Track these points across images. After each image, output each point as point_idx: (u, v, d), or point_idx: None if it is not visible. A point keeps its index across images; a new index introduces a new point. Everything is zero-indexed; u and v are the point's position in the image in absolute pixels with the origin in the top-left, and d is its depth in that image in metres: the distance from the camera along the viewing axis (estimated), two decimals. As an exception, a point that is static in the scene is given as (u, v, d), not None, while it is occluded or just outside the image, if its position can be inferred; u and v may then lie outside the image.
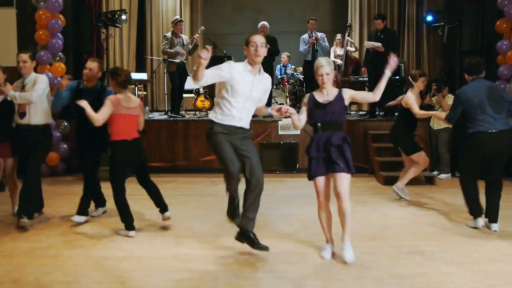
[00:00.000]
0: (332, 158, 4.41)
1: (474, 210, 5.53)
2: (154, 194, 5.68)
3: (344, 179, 4.43)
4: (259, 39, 4.49)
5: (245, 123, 4.52)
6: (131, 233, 5.30)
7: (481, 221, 5.50)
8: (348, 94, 4.63)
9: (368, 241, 5.10)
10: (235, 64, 4.50)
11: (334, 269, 4.33)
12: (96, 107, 5.77)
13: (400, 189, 6.84)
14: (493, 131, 5.25)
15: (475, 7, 9.99)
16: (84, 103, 5.00)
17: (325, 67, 4.52)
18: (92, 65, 5.84)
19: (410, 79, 6.73)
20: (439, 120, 7.00)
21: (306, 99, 4.70)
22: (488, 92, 5.35)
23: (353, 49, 11.14)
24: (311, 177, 4.54)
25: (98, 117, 5.05)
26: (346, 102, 4.60)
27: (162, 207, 5.68)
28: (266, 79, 4.68)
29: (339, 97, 4.57)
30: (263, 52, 4.48)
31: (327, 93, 4.58)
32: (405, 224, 5.79)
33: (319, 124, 4.52)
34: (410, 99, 6.51)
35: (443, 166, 8.76)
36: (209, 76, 4.26)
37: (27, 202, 5.61)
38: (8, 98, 5.62)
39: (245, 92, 4.42)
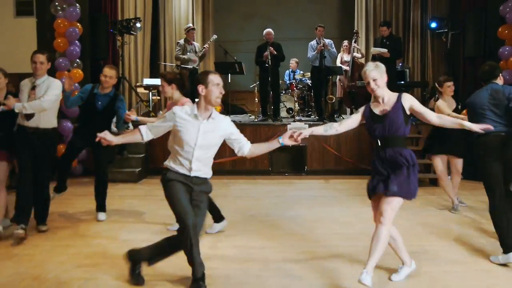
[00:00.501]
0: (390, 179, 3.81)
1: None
2: None
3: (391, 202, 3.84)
4: (221, 80, 3.84)
5: (200, 173, 3.86)
6: None
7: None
8: (409, 103, 3.85)
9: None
10: (178, 111, 3.84)
11: (341, 268, 4.33)
12: (108, 113, 5.86)
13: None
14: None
15: (478, 14, 9.96)
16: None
17: (372, 71, 3.86)
18: (111, 73, 5.87)
19: (437, 85, 6.62)
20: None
21: (362, 110, 4.10)
22: (491, 95, 4.87)
23: (359, 55, 11.14)
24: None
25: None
26: (408, 111, 3.84)
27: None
28: (221, 121, 3.94)
29: (398, 105, 3.85)
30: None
31: (382, 101, 3.92)
32: (411, 225, 5.79)
33: (378, 140, 3.89)
34: (440, 104, 6.33)
35: None
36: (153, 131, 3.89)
37: (44, 210, 5.51)
38: (16, 111, 5.06)
39: (191, 140, 3.78)
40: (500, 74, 5.12)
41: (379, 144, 3.89)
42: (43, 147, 5.27)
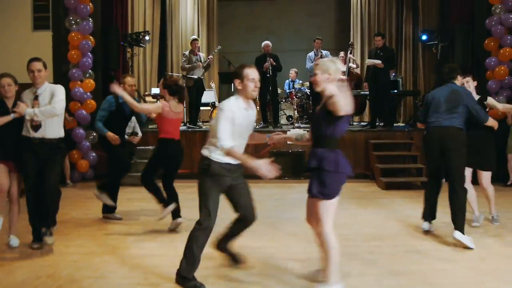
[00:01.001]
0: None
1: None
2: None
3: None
4: (257, 74, 3.76)
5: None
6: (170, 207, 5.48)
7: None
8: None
9: (369, 241, 5.10)
10: (230, 106, 3.71)
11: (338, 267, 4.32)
12: (130, 118, 5.96)
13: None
14: (435, 126, 5.12)
15: (466, 27, 9.98)
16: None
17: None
18: (134, 81, 5.95)
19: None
20: None
21: None
22: (449, 94, 5.18)
23: (354, 65, 11.15)
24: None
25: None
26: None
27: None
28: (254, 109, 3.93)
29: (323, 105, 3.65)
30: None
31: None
32: (403, 225, 5.77)
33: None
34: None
35: None
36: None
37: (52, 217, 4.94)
38: (27, 117, 4.63)
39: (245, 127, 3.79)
40: (458, 76, 5.39)
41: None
42: (51, 158, 4.75)
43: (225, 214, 4.13)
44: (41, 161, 4.72)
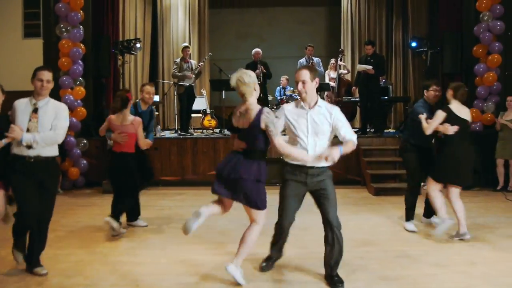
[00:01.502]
0: None
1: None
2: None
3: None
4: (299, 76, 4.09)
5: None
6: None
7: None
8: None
9: (359, 247, 5.12)
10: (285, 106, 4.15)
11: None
12: (149, 126, 5.92)
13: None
14: None
15: (454, 35, 10.10)
16: None
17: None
18: (153, 90, 5.94)
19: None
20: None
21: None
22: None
23: (345, 71, 11.22)
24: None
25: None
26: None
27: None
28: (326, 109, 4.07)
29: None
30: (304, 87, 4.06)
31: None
32: (393, 231, 5.80)
33: None
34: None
35: None
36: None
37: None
38: (24, 144, 4.06)
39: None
40: (425, 91, 5.76)
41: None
42: (48, 179, 4.26)
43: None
44: (35, 184, 4.19)
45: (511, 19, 9.22)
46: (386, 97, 10.90)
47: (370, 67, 9.44)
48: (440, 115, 5.26)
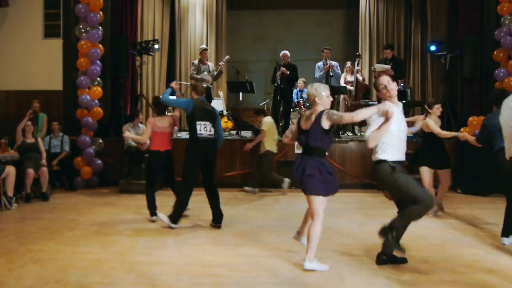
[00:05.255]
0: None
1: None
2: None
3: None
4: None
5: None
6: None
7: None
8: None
9: (376, 252, 5.08)
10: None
11: (344, 276, 4.33)
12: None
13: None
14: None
15: (475, 38, 10.01)
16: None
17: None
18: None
19: (426, 107, 6.77)
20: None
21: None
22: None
23: (361, 78, 11.19)
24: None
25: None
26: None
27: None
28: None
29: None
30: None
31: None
32: (411, 236, 5.73)
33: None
34: (430, 123, 6.54)
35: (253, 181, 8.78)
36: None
37: None
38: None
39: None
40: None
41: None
42: None
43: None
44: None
45: (533, 23, 9.13)
46: (404, 101, 10.82)
47: (388, 66, 9.39)
48: None
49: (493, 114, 5.77)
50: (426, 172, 6.61)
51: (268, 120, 8.59)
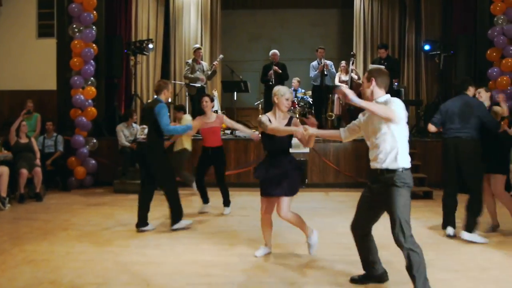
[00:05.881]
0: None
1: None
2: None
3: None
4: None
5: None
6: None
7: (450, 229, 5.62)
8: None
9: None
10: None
11: (339, 276, 4.33)
12: None
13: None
14: (450, 136, 5.50)
15: (468, 38, 10.06)
16: None
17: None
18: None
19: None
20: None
21: None
22: (462, 106, 5.49)
23: (356, 77, 11.21)
24: None
25: None
26: None
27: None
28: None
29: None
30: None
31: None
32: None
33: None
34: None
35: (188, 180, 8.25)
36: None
37: None
38: None
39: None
40: (470, 87, 5.66)
41: None
42: None
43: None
44: None
45: (526, 23, 9.18)
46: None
47: (382, 67, 9.41)
48: None
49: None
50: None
51: (189, 118, 8.13)
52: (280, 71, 10.18)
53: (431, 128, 5.81)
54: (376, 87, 3.77)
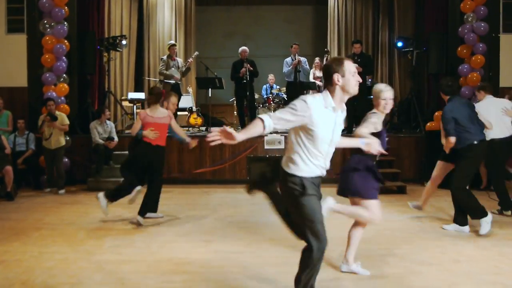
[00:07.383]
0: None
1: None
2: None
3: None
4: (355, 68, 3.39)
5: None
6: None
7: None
8: None
9: (345, 245, 5.14)
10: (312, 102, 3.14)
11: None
12: None
13: None
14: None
15: (440, 35, 10.21)
16: None
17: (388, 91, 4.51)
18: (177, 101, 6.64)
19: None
20: None
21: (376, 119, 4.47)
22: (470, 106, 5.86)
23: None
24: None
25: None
26: None
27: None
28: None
29: None
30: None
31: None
32: (379, 229, 5.82)
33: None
34: None
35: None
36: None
37: None
38: None
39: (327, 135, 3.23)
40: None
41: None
42: None
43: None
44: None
45: (495, 21, 9.41)
46: (371, 97, 10.94)
47: (356, 65, 9.50)
48: None
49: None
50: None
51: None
52: (252, 68, 10.24)
53: (451, 141, 5.62)
54: None
